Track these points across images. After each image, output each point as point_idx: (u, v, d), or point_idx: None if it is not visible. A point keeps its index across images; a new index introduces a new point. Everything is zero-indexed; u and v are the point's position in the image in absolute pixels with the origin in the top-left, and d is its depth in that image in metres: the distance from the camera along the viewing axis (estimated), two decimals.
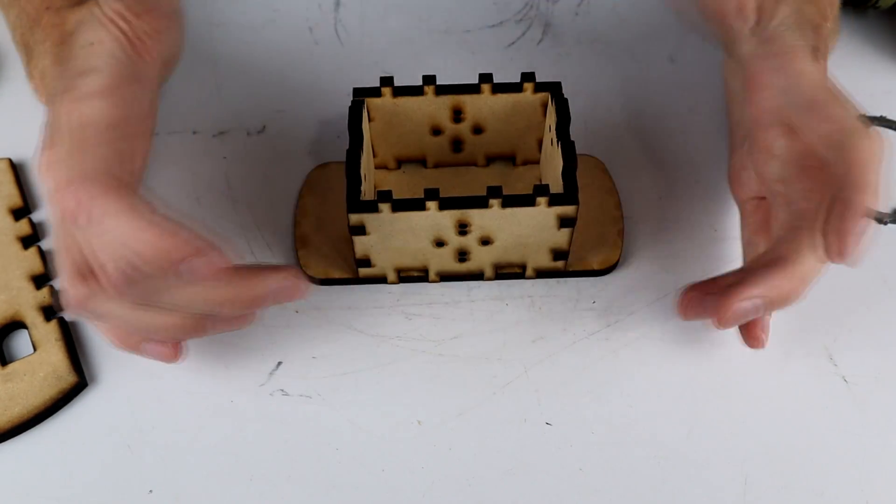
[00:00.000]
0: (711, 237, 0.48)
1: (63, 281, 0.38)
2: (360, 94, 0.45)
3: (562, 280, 0.47)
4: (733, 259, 0.46)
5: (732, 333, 0.45)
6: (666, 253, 0.47)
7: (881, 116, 0.53)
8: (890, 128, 0.53)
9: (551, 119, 0.45)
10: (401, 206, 0.41)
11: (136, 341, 0.41)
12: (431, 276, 0.46)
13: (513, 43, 0.56)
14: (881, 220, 0.49)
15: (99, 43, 0.40)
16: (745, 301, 0.38)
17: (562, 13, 0.58)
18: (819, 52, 0.42)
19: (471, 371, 0.44)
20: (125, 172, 0.38)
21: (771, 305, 0.39)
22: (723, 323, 0.39)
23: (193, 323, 0.39)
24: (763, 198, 0.44)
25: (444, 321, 0.45)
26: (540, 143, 0.48)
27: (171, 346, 0.41)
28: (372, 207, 0.41)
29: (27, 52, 0.46)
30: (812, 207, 0.39)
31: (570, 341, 0.45)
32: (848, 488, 0.41)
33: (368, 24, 0.57)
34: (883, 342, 0.45)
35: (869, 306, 0.46)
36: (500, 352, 0.45)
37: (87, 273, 0.37)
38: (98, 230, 0.36)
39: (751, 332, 0.43)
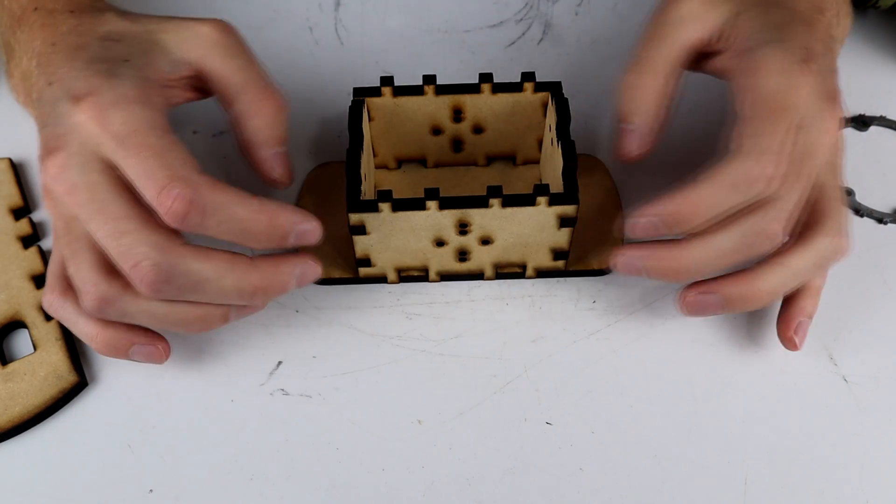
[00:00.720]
0: None
1: (82, 282, 0.39)
2: (361, 94, 0.45)
3: (562, 280, 0.47)
4: None
5: (732, 333, 0.45)
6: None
7: (881, 116, 0.53)
8: (890, 128, 0.53)
9: (551, 119, 0.45)
10: (401, 205, 0.41)
11: (124, 347, 0.41)
12: (432, 275, 0.46)
13: (513, 43, 0.56)
14: (881, 220, 0.49)
15: (132, 59, 0.41)
16: (703, 295, 0.41)
17: (562, 13, 0.58)
18: (812, 54, 0.41)
19: (471, 371, 0.44)
20: (200, 167, 0.39)
21: (729, 306, 0.41)
22: (681, 308, 0.43)
23: (221, 312, 0.41)
24: None
25: (445, 321, 0.46)
26: (540, 142, 0.48)
27: (159, 348, 0.42)
28: (372, 207, 0.41)
29: (8, 50, 0.46)
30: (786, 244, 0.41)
31: (570, 341, 0.45)
32: (848, 488, 0.41)
33: (368, 24, 0.57)
34: (883, 342, 0.45)
35: (869, 306, 0.46)
36: (500, 351, 0.45)
37: (111, 272, 0.39)
38: (213, 222, 0.38)
39: (784, 333, 0.43)
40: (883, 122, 0.53)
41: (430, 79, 0.45)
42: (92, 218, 0.38)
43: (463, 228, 0.43)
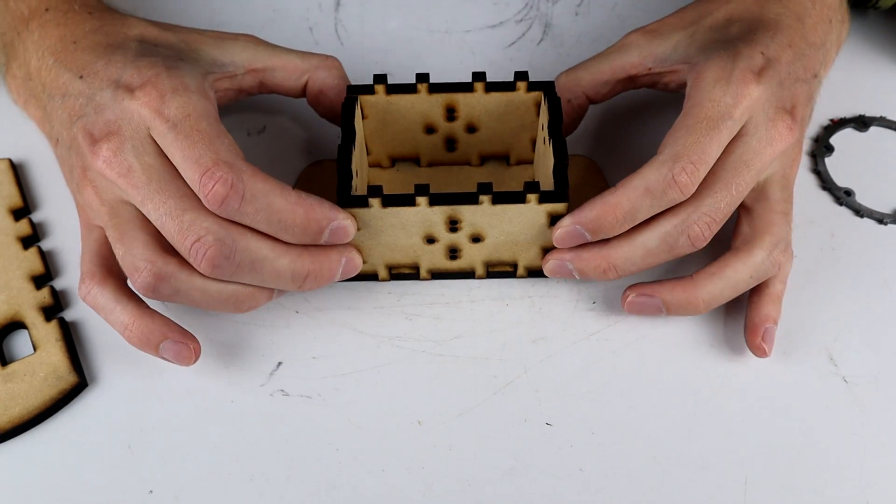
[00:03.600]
0: None
1: (136, 259, 0.40)
2: (354, 92, 0.45)
3: (562, 280, 0.47)
4: None
5: (732, 334, 0.45)
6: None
7: (881, 116, 0.53)
8: (890, 128, 0.53)
9: (544, 118, 0.45)
10: (391, 201, 0.41)
11: (157, 341, 0.41)
12: (423, 273, 0.46)
13: (513, 43, 0.56)
14: (881, 220, 0.49)
15: (183, 64, 0.43)
16: (644, 297, 0.43)
17: (562, 13, 0.58)
18: (772, 63, 0.42)
19: (471, 371, 0.44)
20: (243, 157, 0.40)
21: (668, 310, 0.43)
22: (624, 307, 0.44)
23: (268, 291, 0.42)
24: None
25: (445, 321, 0.46)
26: (534, 142, 0.48)
27: (190, 348, 0.42)
28: (362, 202, 0.41)
29: (10, 50, 0.46)
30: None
31: (570, 341, 0.45)
32: (848, 488, 0.41)
33: (368, 24, 0.57)
34: (883, 342, 0.45)
35: (869, 306, 0.46)
36: (500, 352, 0.45)
37: (166, 250, 0.40)
38: (251, 209, 0.39)
39: (752, 341, 0.43)
40: (883, 122, 0.53)
41: (423, 77, 0.45)
42: (150, 198, 0.39)
43: (453, 225, 0.43)
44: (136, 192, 0.39)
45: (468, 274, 0.46)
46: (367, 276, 0.46)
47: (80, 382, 0.43)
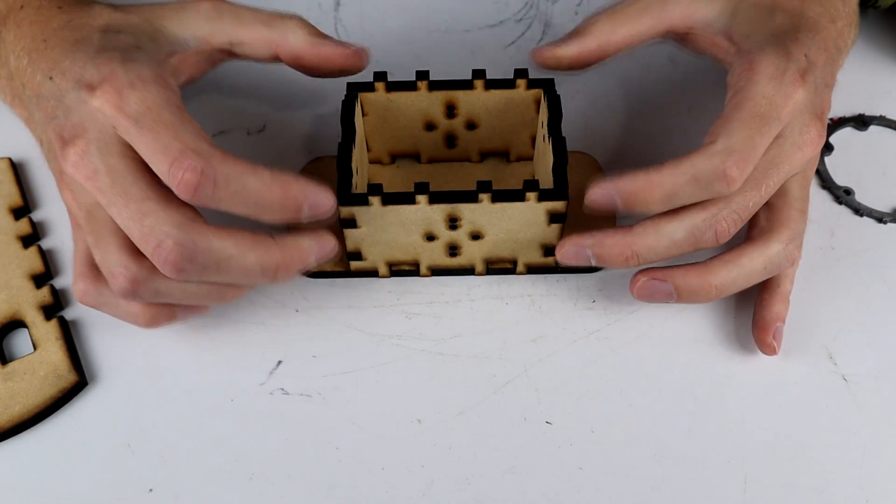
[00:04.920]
0: None
1: (111, 265, 0.39)
2: (354, 89, 0.45)
3: (562, 279, 0.47)
4: None
5: (732, 333, 0.45)
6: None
7: (881, 116, 0.53)
8: (890, 128, 0.53)
9: (544, 115, 0.45)
10: (391, 199, 0.41)
11: (169, 316, 0.42)
12: (423, 270, 0.46)
13: (513, 42, 0.56)
14: (881, 219, 0.49)
15: (142, 47, 0.42)
16: (655, 282, 0.42)
17: (562, 13, 0.58)
18: (812, 67, 0.42)
19: (471, 370, 0.44)
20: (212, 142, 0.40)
21: (679, 297, 0.42)
22: (631, 291, 0.43)
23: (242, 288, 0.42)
24: None
25: (444, 320, 0.46)
26: (533, 139, 0.48)
27: (198, 313, 0.43)
28: (362, 200, 0.41)
29: None
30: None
31: (570, 340, 0.45)
32: (848, 488, 0.41)
33: (368, 24, 0.57)
34: (883, 342, 0.45)
35: (868, 305, 0.46)
36: (499, 351, 0.45)
37: (139, 254, 0.39)
38: (225, 193, 0.38)
39: (763, 340, 0.43)
40: (883, 122, 0.53)
41: (422, 74, 0.46)
42: (114, 202, 0.38)
43: (453, 223, 0.43)
44: (102, 196, 0.39)
45: (468, 271, 0.46)
46: (368, 273, 0.46)
47: (80, 381, 0.43)
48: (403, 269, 0.46)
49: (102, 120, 0.39)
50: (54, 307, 0.45)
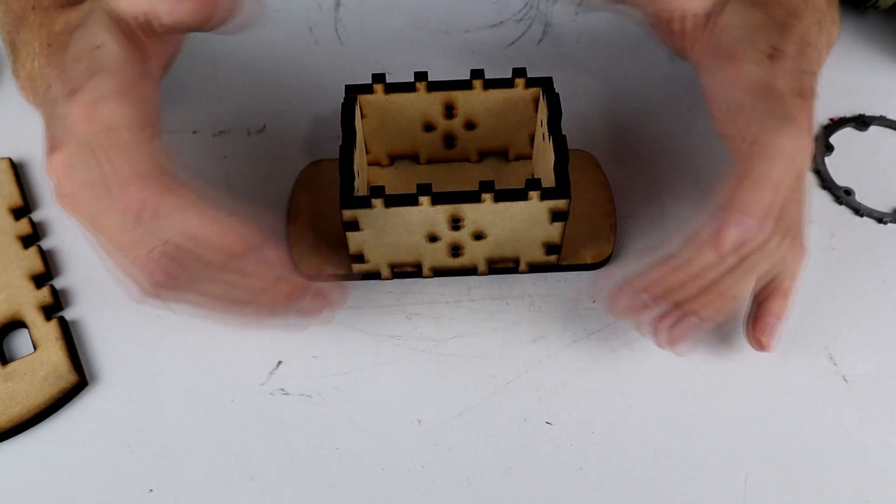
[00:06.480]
0: None
1: (128, 272, 0.39)
2: (353, 91, 0.45)
3: (562, 279, 0.47)
4: None
5: (732, 333, 0.45)
6: (662, 248, 0.47)
7: (881, 116, 0.53)
8: (890, 128, 0.53)
9: (543, 114, 0.45)
10: (393, 201, 0.41)
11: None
12: (425, 271, 0.46)
13: (513, 43, 0.56)
14: (881, 220, 0.49)
15: (105, 45, 0.40)
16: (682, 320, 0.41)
17: (562, 13, 0.58)
18: (781, 53, 0.42)
19: (471, 370, 0.44)
20: (171, 167, 0.39)
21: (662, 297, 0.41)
22: (612, 313, 0.43)
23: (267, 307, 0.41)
24: None
25: (444, 320, 0.46)
26: (532, 138, 0.49)
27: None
28: (365, 203, 0.41)
29: (13, 50, 0.46)
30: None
31: (570, 340, 0.45)
32: (848, 488, 0.41)
33: (368, 24, 0.57)
34: (883, 342, 0.45)
35: (869, 306, 0.46)
36: (500, 351, 0.45)
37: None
38: (164, 224, 0.38)
39: (756, 337, 0.43)
40: (883, 122, 0.53)
41: (421, 75, 0.46)
42: (92, 216, 0.38)
43: (455, 224, 0.43)
44: (83, 210, 0.39)
45: (470, 271, 0.46)
46: (370, 276, 0.46)
47: (80, 381, 0.43)
48: (406, 271, 0.46)
49: (78, 131, 0.39)
50: (54, 307, 0.45)
